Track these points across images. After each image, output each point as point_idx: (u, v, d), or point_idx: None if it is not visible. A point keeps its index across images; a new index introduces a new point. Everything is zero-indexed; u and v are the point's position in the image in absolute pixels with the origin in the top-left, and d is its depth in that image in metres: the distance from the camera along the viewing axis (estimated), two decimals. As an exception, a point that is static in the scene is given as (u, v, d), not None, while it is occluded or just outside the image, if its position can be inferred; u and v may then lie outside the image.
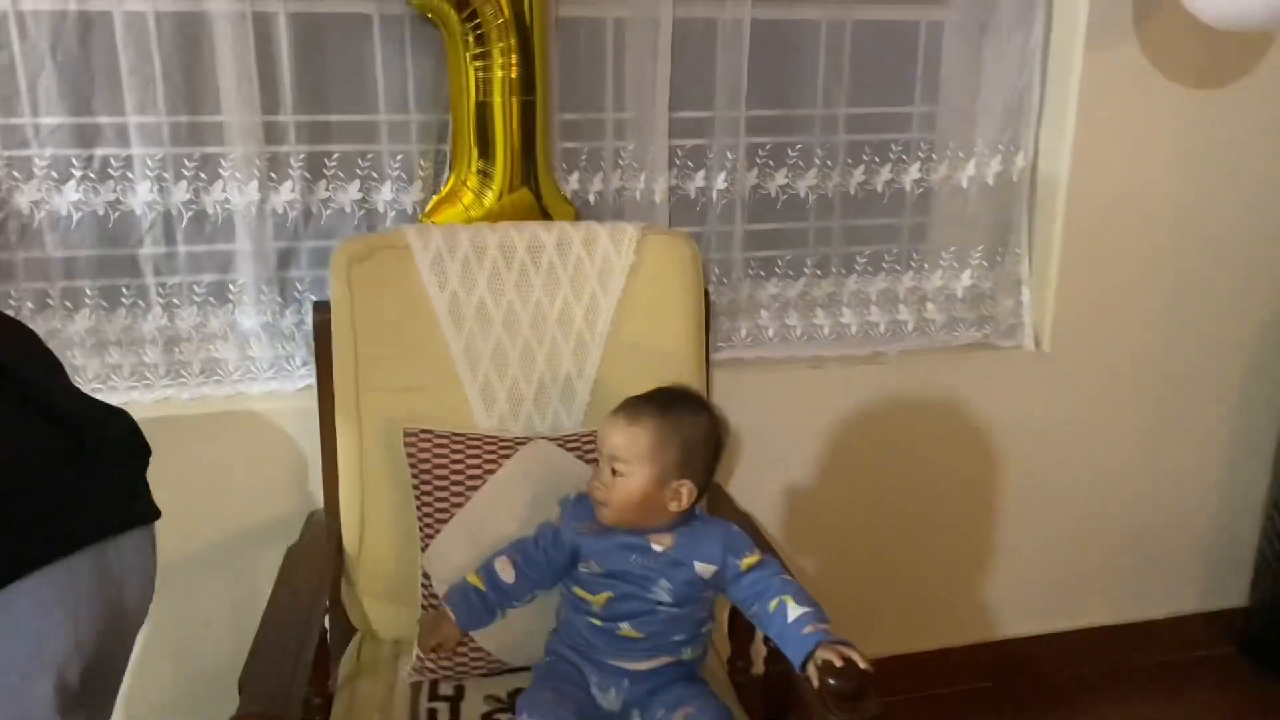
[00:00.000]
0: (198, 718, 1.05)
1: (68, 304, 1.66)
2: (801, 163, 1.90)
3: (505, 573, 1.38)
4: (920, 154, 1.95)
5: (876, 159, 1.95)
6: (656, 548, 1.32)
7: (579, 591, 1.35)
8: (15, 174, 1.59)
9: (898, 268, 2.01)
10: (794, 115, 1.88)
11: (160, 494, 1.72)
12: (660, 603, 1.32)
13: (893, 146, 1.94)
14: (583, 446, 1.50)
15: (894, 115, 1.94)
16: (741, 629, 1.58)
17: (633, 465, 1.29)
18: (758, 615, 1.31)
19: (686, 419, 1.33)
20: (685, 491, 1.31)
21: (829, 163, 1.90)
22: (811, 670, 1.17)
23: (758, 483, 1.93)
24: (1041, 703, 2.16)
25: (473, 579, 1.39)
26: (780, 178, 1.91)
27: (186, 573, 1.73)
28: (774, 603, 1.28)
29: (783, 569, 1.34)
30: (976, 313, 2.04)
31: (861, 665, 1.14)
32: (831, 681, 1.13)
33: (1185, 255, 2.07)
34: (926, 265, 2.02)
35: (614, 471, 1.30)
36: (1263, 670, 2.26)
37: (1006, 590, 2.18)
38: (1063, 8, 1.90)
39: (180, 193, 1.65)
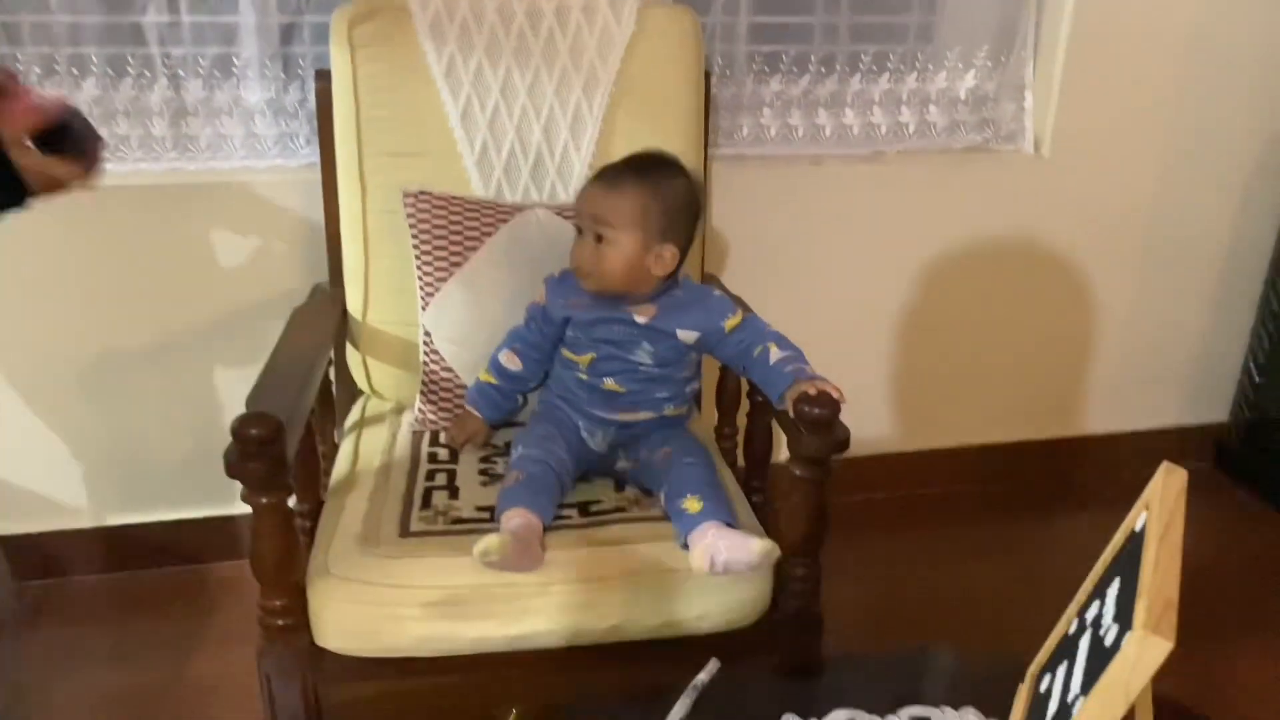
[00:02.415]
0: (217, 483, 1.12)
1: (74, 71, 1.69)
2: (808, -47, 1.88)
3: (512, 363, 1.43)
4: (929, -52, 1.92)
5: (884, -47, 1.92)
6: (639, 319, 1.35)
7: (566, 352, 1.41)
8: (15, -67, 1.59)
9: (902, 68, 2.00)
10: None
11: (169, 263, 1.79)
12: (642, 364, 1.37)
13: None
14: (578, 215, 1.54)
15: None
16: (728, 397, 1.65)
17: (617, 231, 1.30)
18: (744, 366, 1.37)
19: (667, 182, 1.34)
20: (669, 255, 1.34)
21: (836, -46, 1.88)
22: (788, 400, 1.23)
23: (752, 277, 1.95)
24: (1024, 506, 2.25)
25: (485, 377, 1.44)
26: (786, -32, 1.89)
27: (198, 343, 1.81)
28: (758, 349, 1.33)
29: (765, 324, 1.38)
30: (978, 116, 2.04)
31: (834, 394, 1.20)
32: (806, 409, 1.19)
33: (1192, 66, 2.05)
34: (931, 66, 2.01)
35: (598, 238, 1.31)
36: (1237, 482, 2.34)
37: (992, 397, 2.24)
38: None
39: (182, -40, 1.65)
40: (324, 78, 1.58)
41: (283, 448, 1.11)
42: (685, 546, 1.22)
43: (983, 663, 1.16)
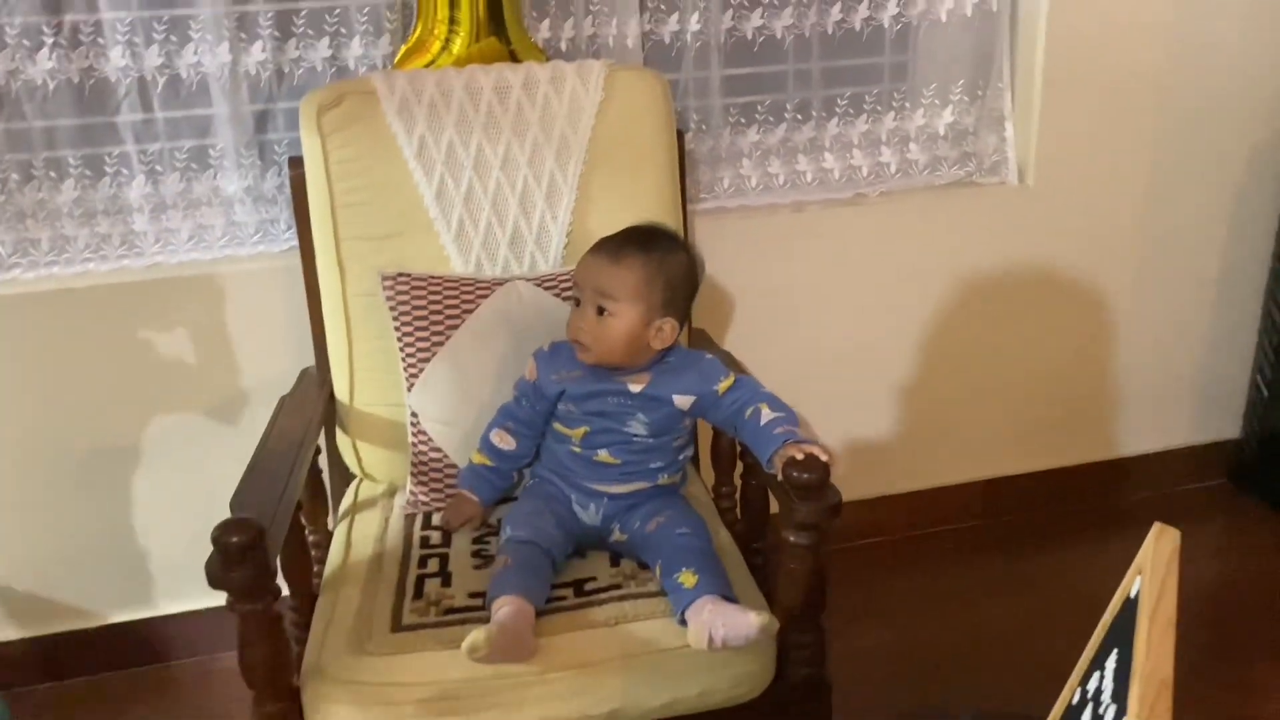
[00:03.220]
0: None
1: (52, 174, 1.70)
2: (777, 1, 1.88)
3: (504, 442, 1.42)
4: (897, -11, 1.92)
5: (853, -5, 1.92)
6: (634, 388, 1.34)
7: (558, 426, 1.39)
8: (-15, 43, 1.61)
9: (879, 109, 2.00)
10: (765, -48, 1.85)
11: (157, 356, 1.79)
12: (636, 435, 1.35)
13: (868, -19, 1.91)
14: (560, 286, 1.53)
15: (868, -52, 1.90)
16: (723, 456, 1.63)
17: (620, 303, 1.30)
18: (735, 427, 1.35)
19: (669, 256, 1.35)
20: (669, 328, 1.34)
21: (805, 0, 1.88)
22: (777, 464, 1.21)
23: (743, 327, 1.96)
24: (1034, 539, 2.21)
25: (478, 458, 1.43)
26: (756, 18, 1.89)
27: (188, 430, 1.80)
28: (749, 410, 1.32)
29: (758, 385, 1.37)
30: (959, 150, 2.03)
31: (822, 458, 1.18)
32: (794, 473, 1.17)
33: (1171, 83, 2.04)
34: (908, 104, 2.01)
35: (600, 310, 1.31)
36: (1255, 499, 2.30)
37: (996, 429, 2.21)
38: None
39: (152, 57, 1.66)
40: (297, 165, 1.58)
41: (265, 553, 1.09)
42: (683, 622, 1.19)
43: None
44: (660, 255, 1.34)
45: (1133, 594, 0.82)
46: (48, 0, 1.61)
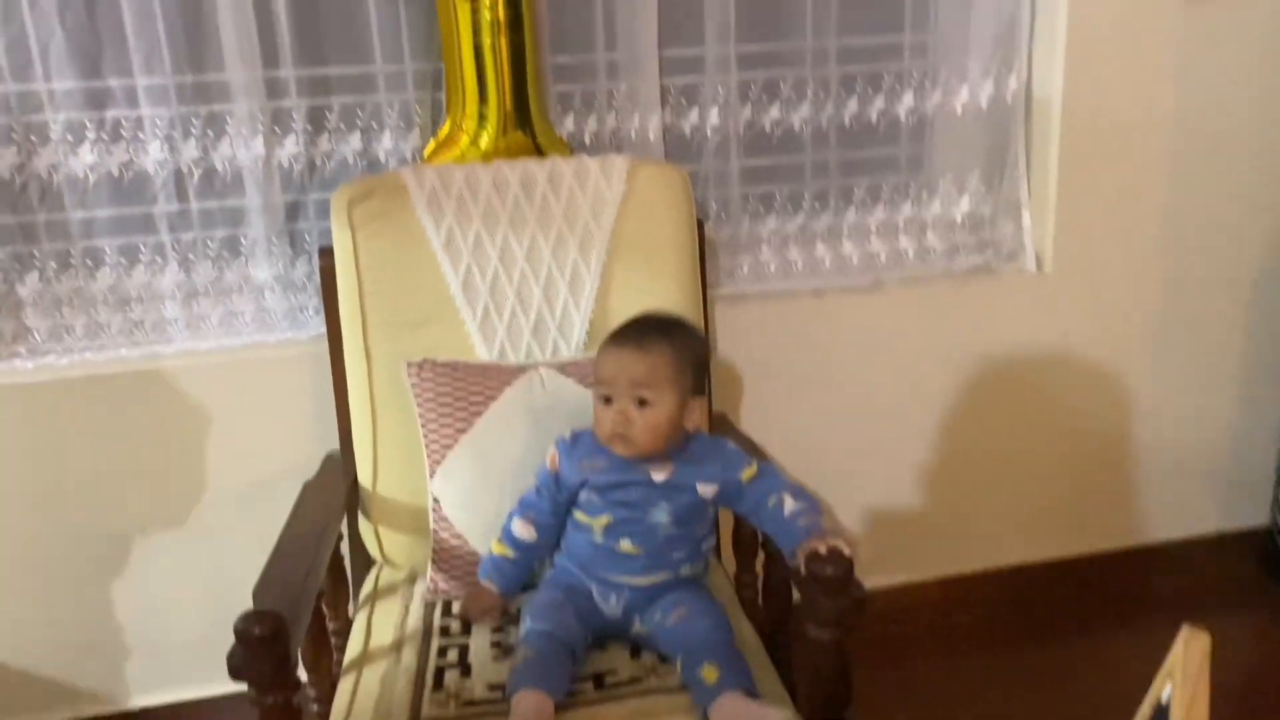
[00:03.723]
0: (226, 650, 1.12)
1: (89, 262, 1.74)
2: (794, 96, 1.93)
3: (526, 533, 1.41)
4: (913, 82, 1.97)
5: (869, 89, 1.96)
6: (657, 477, 1.34)
7: (580, 515, 1.39)
8: (33, 138, 1.67)
9: (896, 197, 2.03)
10: (785, 49, 1.90)
11: (184, 441, 1.81)
12: (659, 524, 1.35)
13: (885, 76, 1.96)
14: (582, 372, 1.55)
15: (884, 45, 1.95)
16: (745, 544, 1.62)
17: (659, 391, 1.30)
18: (758, 517, 1.36)
19: (689, 338, 1.37)
20: (699, 409, 1.35)
21: (822, 95, 1.93)
22: (799, 558, 1.21)
23: (763, 413, 1.96)
24: (1060, 629, 2.17)
25: (498, 549, 1.43)
26: (774, 112, 1.94)
27: (213, 514, 1.81)
28: (772, 500, 1.32)
29: (781, 473, 1.37)
30: (977, 238, 2.05)
31: (845, 552, 1.18)
32: (817, 568, 1.16)
33: (1186, 169, 2.06)
34: (925, 193, 2.04)
35: (641, 402, 1.30)
36: (1286, 588, 2.26)
37: (1018, 515, 2.19)
38: (1049, -73, 1.91)
39: (189, 150, 1.72)
40: (327, 254, 1.62)
41: (287, 645, 1.09)
42: (705, 718, 1.18)
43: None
44: (682, 339, 1.36)
45: (1164, 700, 0.81)
46: (91, 97, 1.67)
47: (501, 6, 1.64)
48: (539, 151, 1.74)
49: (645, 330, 1.36)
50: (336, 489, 1.56)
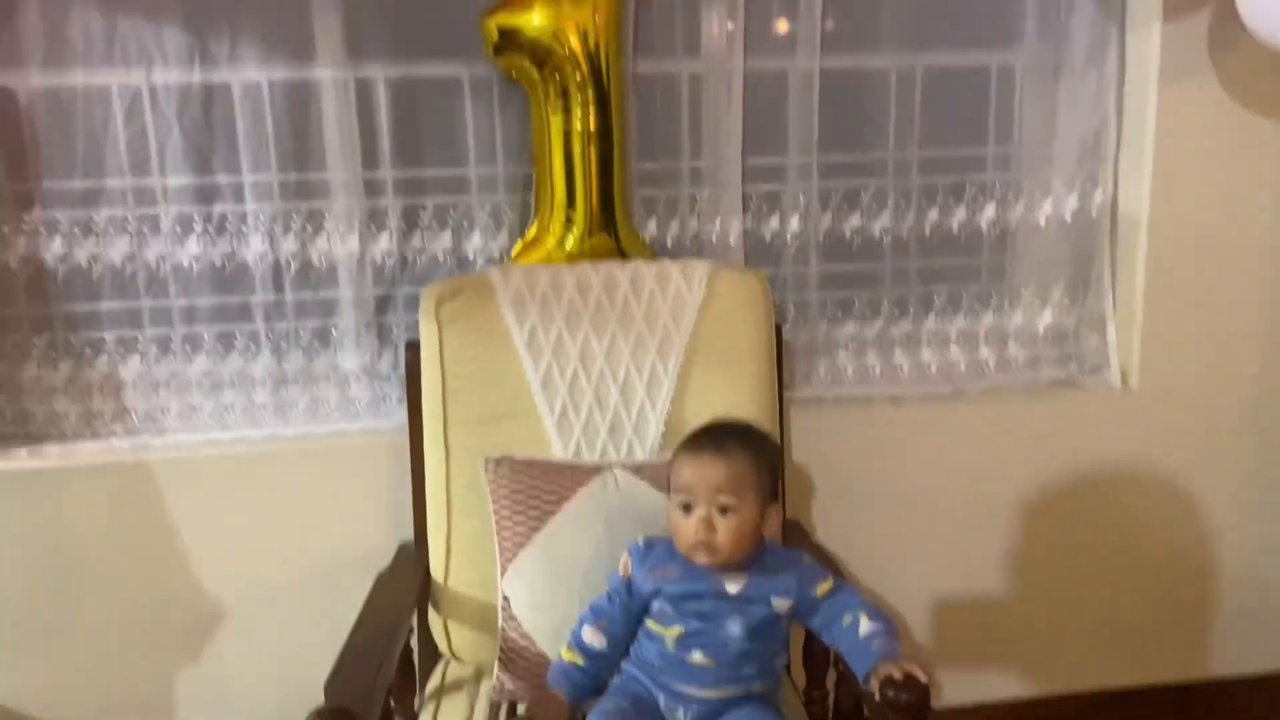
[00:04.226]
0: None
1: (188, 348, 1.82)
2: (875, 205, 1.95)
3: (596, 640, 1.39)
4: (995, 194, 1.97)
5: (951, 199, 1.97)
6: (732, 589, 1.33)
7: (652, 624, 1.37)
8: (145, 230, 1.76)
9: (977, 306, 2.02)
10: (866, 159, 1.93)
11: (264, 523, 1.85)
12: (732, 637, 1.33)
13: (967, 187, 1.97)
14: (656, 474, 1.55)
15: (967, 157, 1.96)
16: (816, 660, 1.59)
17: (741, 499, 1.30)
18: (832, 634, 1.33)
19: (766, 444, 1.38)
20: (776, 515, 1.35)
21: (903, 204, 1.95)
22: (874, 682, 1.18)
23: (836, 520, 1.93)
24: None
25: (568, 655, 1.40)
26: (854, 220, 1.95)
27: (289, 598, 1.84)
28: (847, 619, 1.30)
29: (857, 590, 1.35)
30: (1060, 350, 2.03)
31: (922, 679, 1.15)
32: (891, 693, 1.14)
33: (1277, 280, 2.01)
34: (1007, 303, 2.03)
35: (724, 510, 1.29)
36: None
37: (1089, 641, 2.10)
38: (1136, 45, 1.92)
39: (288, 244, 1.80)
40: (413, 348, 1.67)
41: (357, 743, 1.10)
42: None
43: None
44: (759, 444, 1.36)
45: None
46: (201, 192, 1.76)
47: (593, 117, 1.70)
48: (622, 254, 1.78)
49: (723, 436, 1.36)
50: (409, 583, 1.58)
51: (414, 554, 1.69)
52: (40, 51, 1.69)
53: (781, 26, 1.86)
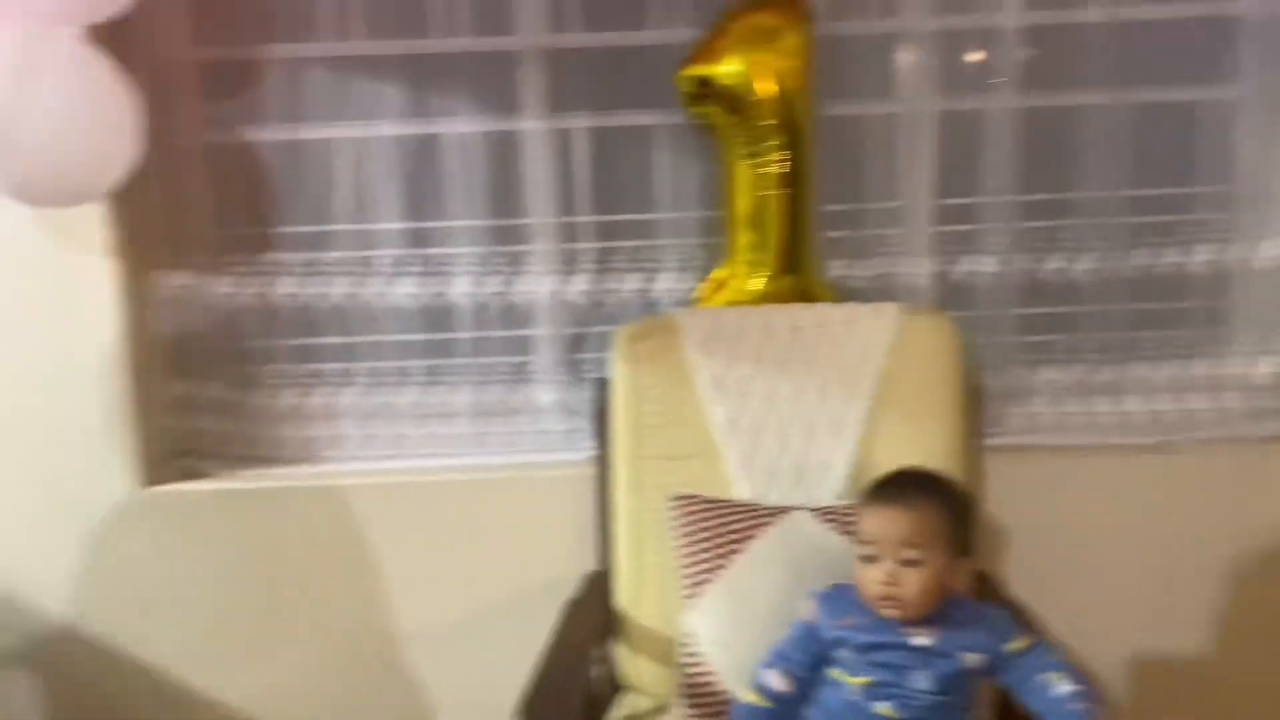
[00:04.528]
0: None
1: (398, 380, 1.95)
2: (1077, 246, 1.87)
3: (782, 685, 1.38)
4: (1210, 235, 1.86)
5: (1161, 240, 1.87)
6: (916, 642, 1.31)
7: (837, 673, 1.36)
8: (364, 270, 1.91)
9: (1188, 354, 1.91)
10: (1067, 198, 1.87)
11: (462, 547, 1.95)
12: (921, 690, 1.30)
13: (1178, 228, 1.87)
14: (839, 520, 1.54)
15: (1177, 196, 1.86)
16: (1012, 717, 1.53)
17: (928, 551, 1.28)
18: (1025, 693, 1.29)
19: (955, 495, 1.35)
20: (964, 569, 1.32)
21: (1108, 245, 1.86)
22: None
23: (1032, 574, 1.85)
24: None
25: (752, 697, 1.39)
26: (1054, 261, 1.89)
27: (481, 620, 1.93)
28: (1043, 678, 1.26)
29: (1053, 649, 1.30)
30: (1282, 402, 1.88)
31: (1124, 747, 1.09)
32: (1092, 760, 1.09)
33: None
34: (1223, 351, 1.90)
35: (910, 562, 1.28)
36: None
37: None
38: (1366, 78, 1.78)
39: (492, 285, 1.91)
40: (604, 386, 1.73)
41: (547, 770, 1.14)
42: None
43: None
44: (947, 496, 1.33)
45: None
46: (413, 236, 1.90)
47: (782, 162, 1.73)
48: (809, 296, 1.79)
49: (909, 487, 1.34)
50: (595, 613, 1.63)
51: (598, 584, 1.74)
52: (279, 109, 1.87)
53: (977, 62, 1.83)
